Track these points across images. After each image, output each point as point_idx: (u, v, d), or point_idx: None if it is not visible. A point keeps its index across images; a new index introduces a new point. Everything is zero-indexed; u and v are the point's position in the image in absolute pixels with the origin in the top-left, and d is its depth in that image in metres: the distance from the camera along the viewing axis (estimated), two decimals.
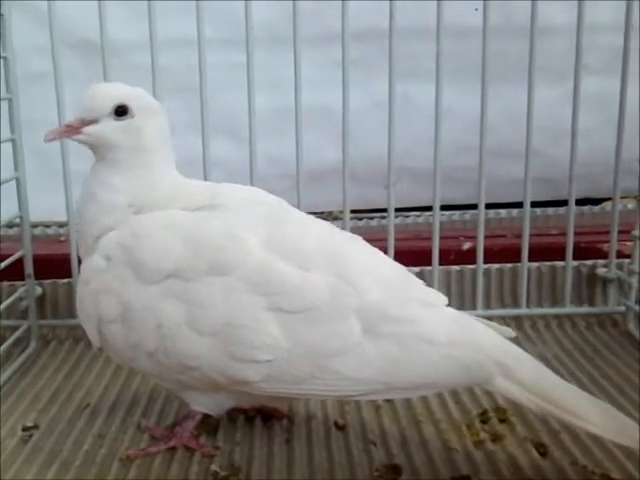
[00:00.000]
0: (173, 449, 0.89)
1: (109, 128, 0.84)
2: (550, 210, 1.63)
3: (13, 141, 1.15)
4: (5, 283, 1.26)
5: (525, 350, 0.82)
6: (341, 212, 1.22)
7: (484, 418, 0.95)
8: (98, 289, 0.82)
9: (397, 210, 1.23)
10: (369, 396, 0.79)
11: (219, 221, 0.82)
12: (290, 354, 0.75)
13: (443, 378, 0.76)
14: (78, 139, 0.85)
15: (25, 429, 0.95)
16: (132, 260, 0.81)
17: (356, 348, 0.75)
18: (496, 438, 0.90)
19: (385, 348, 0.75)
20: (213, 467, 0.85)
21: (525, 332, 1.23)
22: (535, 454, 0.87)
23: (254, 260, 0.78)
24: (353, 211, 1.27)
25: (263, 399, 0.85)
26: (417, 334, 0.75)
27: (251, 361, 0.76)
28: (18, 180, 1.16)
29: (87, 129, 0.84)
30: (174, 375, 0.82)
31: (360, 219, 1.63)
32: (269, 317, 0.76)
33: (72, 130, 0.85)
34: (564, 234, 1.23)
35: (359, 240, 0.87)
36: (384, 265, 0.84)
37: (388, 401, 0.99)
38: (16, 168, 1.16)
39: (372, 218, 1.63)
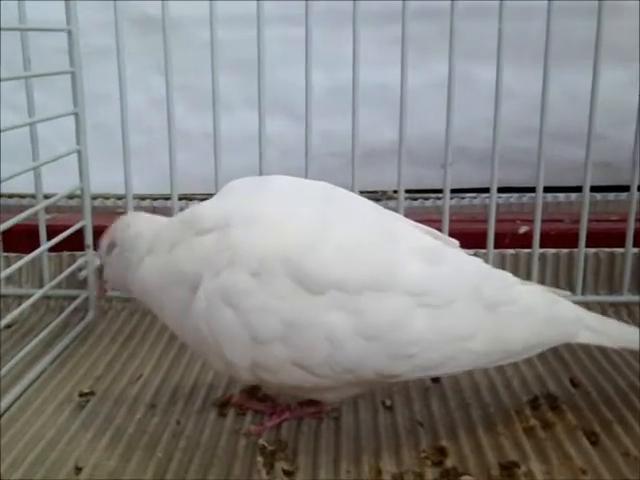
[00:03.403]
0: (223, 419, 0.91)
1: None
2: (611, 195, 1.59)
3: (76, 115, 1.17)
4: (65, 253, 1.30)
5: None
6: (395, 192, 1.21)
7: (534, 405, 0.94)
8: (250, 309, 0.77)
9: (453, 191, 1.22)
10: (492, 364, 0.86)
11: (362, 232, 0.83)
12: (435, 344, 0.80)
13: (545, 339, 0.87)
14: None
15: (82, 395, 0.98)
16: (298, 273, 0.77)
17: (483, 327, 0.82)
18: (546, 425, 0.89)
19: (502, 324, 0.83)
20: (261, 441, 0.86)
21: None
22: (586, 443, 0.86)
23: (407, 270, 0.81)
24: (408, 191, 1.26)
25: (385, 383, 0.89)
26: (520, 308, 0.85)
27: (407, 356, 0.79)
28: (80, 153, 1.19)
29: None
30: (323, 382, 0.80)
31: (415, 199, 1.62)
32: (419, 314, 0.80)
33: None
34: (625, 220, 1.20)
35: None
36: (476, 260, 0.90)
37: (436, 382, 0.99)
38: (78, 141, 1.19)
39: (427, 199, 1.62)
